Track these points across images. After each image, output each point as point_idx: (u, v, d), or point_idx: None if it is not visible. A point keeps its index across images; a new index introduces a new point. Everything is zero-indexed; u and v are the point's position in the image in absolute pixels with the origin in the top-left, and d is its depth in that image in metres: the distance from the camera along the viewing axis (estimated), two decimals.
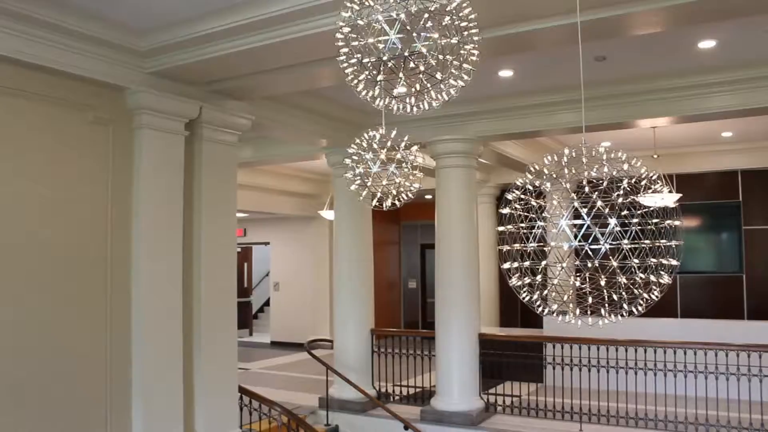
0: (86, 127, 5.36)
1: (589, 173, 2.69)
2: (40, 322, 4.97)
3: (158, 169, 5.73)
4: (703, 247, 12.96)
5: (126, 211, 5.59)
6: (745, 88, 6.79)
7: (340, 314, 9.21)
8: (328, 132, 8.26)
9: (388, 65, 2.47)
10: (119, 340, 5.49)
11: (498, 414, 8.41)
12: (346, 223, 9.18)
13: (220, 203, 6.33)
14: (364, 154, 3.09)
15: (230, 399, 6.39)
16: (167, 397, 5.71)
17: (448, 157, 8.43)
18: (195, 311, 6.08)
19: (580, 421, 7.73)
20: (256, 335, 19.07)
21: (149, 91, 5.58)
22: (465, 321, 8.31)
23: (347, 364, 8.94)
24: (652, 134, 9.97)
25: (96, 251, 5.38)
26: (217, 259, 6.25)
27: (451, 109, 8.10)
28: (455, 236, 8.37)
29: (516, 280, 2.89)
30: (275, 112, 7.55)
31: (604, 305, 2.77)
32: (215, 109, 6.22)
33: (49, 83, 5.04)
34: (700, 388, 7.22)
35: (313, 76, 5.87)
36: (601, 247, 2.76)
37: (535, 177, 2.88)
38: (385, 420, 8.35)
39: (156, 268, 5.68)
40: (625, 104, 7.38)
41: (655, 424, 7.46)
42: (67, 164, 5.21)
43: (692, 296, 12.63)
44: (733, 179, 12.31)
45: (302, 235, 16.29)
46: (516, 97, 7.82)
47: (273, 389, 9.27)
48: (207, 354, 6.11)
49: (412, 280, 17.59)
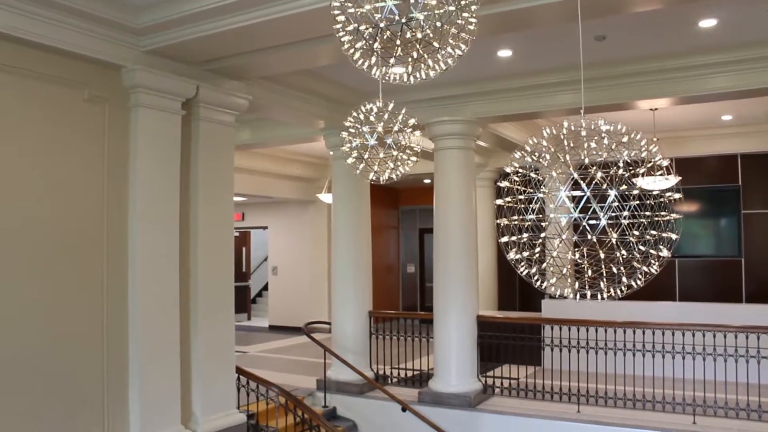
0: (81, 105, 5.30)
1: (588, 145, 2.66)
2: (36, 305, 4.93)
3: (155, 149, 5.69)
4: (701, 231, 12.95)
5: (122, 190, 5.55)
6: (746, 69, 6.74)
7: (338, 296, 9.20)
8: (326, 113, 8.21)
9: (385, 34, 2.43)
10: (116, 321, 5.47)
11: (496, 396, 8.41)
12: (345, 205, 9.15)
13: (218, 183, 6.30)
14: (360, 127, 3.05)
15: (228, 380, 6.39)
16: (164, 378, 5.70)
17: (447, 139, 8.39)
18: (192, 292, 6.06)
19: (578, 403, 7.73)
20: (255, 319, 19.09)
21: (145, 70, 5.52)
22: (463, 303, 8.31)
23: (345, 346, 8.94)
24: (652, 117, 9.94)
25: (91, 232, 5.34)
26: (215, 240, 6.22)
27: (449, 90, 8.08)
28: (453, 217, 8.35)
29: (514, 254, 2.87)
30: (273, 93, 7.50)
31: (602, 279, 2.75)
32: (212, 89, 6.17)
33: (44, 60, 4.98)
34: (698, 369, 7.22)
35: (311, 54, 5.81)
36: (600, 221, 2.74)
37: (533, 150, 2.85)
38: (383, 402, 8.36)
39: (153, 248, 5.64)
40: (624, 85, 7.33)
41: (653, 405, 7.47)
42: (61, 143, 5.16)
43: (691, 280, 12.63)
44: (732, 163, 12.27)
45: (300, 220, 16.27)
46: (515, 77, 7.77)
47: (271, 372, 9.25)
48: (204, 335, 6.10)
49: (410, 264, 17.59)
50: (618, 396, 7.67)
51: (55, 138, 5.12)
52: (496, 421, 7.75)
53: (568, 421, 7.41)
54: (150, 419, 5.54)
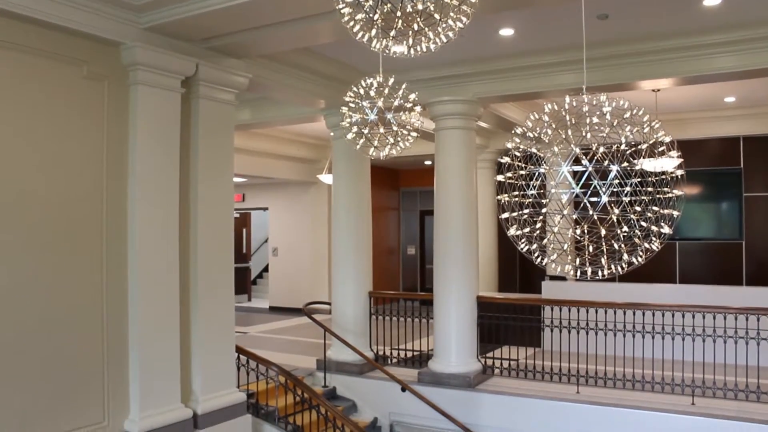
0: (80, 82, 5.27)
1: (590, 120, 2.63)
2: (36, 281, 4.94)
3: (154, 126, 5.66)
4: (703, 213, 12.92)
5: (121, 168, 5.53)
6: (750, 49, 6.68)
7: (338, 276, 9.19)
8: (326, 92, 8.17)
9: (386, 6, 2.40)
10: (115, 298, 5.47)
11: (495, 376, 8.43)
12: (345, 186, 9.12)
13: (217, 161, 6.27)
14: (360, 102, 3.02)
15: (228, 359, 6.40)
16: (164, 356, 5.71)
17: (448, 119, 8.35)
18: (192, 270, 6.06)
19: (577, 384, 7.74)
20: (255, 301, 19.12)
21: (145, 47, 5.48)
22: (463, 283, 8.30)
23: (345, 326, 8.95)
24: (654, 99, 9.89)
25: (90, 210, 5.33)
26: (214, 218, 6.20)
27: (450, 70, 8.04)
28: (454, 197, 8.33)
29: (515, 231, 2.85)
30: (273, 72, 7.45)
31: (603, 256, 2.73)
32: (212, 67, 6.13)
33: (42, 36, 4.94)
34: (698, 351, 7.22)
35: (311, 31, 5.76)
36: (601, 198, 2.72)
37: (535, 125, 2.82)
38: (383, 382, 8.38)
39: (152, 227, 5.63)
40: (627, 65, 7.28)
41: (652, 386, 7.48)
42: (60, 120, 5.13)
43: (691, 263, 12.62)
44: (734, 146, 12.22)
45: (301, 201, 16.25)
46: (516, 57, 7.72)
47: (271, 352, 9.26)
48: (204, 314, 6.10)
49: (411, 246, 17.60)
50: (617, 377, 7.69)
51: (53, 115, 5.09)
52: (495, 401, 7.77)
53: (567, 401, 7.43)
54: (150, 397, 5.56)
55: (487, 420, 7.74)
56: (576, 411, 7.34)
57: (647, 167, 2.77)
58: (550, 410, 7.46)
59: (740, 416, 6.69)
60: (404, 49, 2.54)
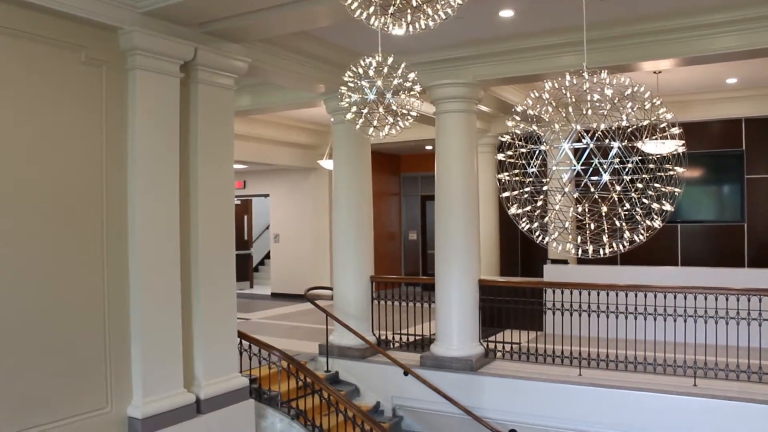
0: (78, 67, 5.24)
1: (591, 97, 2.61)
2: (37, 268, 4.92)
3: (153, 111, 5.63)
4: (704, 196, 12.90)
5: (121, 153, 5.51)
6: (753, 28, 6.63)
7: (339, 261, 9.20)
8: (326, 77, 8.13)
9: None
10: (117, 284, 5.46)
11: (498, 360, 8.44)
12: (346, 170, 9.11)
13: (217, 146, 6.25)
14: (359, 81, 3.00)
15: (230, 344, 6.40)
16: (166, 341, 5.71)
17: (448, 102, 8.32)
18: (193, 256, 6.05)
19: (579, 366, 7.76)
20: (257, 287, 19.14)
21: (143, 32, 5.45)
22: (465, 266, 8.30)
23: (347, 311, 8.95)
24: (656, 81, 9.84)
25: (90, 195, 5.31)
26: (215, 203, 6.19)
27: (450, 53, 8.01)
28: (455, 180, 8.31)
29: (515, 209, 2.84)
30: (273, 56, 7.42)
31: (604, 233, 2.72)
32: (211, 51, 6.09)
33: (40, 21, 4.90)
34: (700, 333, 7.22)
35: (309, 14, 5.71)
36: (602, 177, 2.70)
37: (535, 103, 2.80)
38: (385, 366, 8.40)
39: (152, 212, 5.62)
40: (628, 46, 7.22)
41: (654, 368, 7.49)
42: (58, 105, 5.10)
43: (693, 245, 12.62)
44: (736, 128, 12.18)
45: (302, 187, 16.25)
46: (516, 39, 7.67)
47: (273, 337, 9.28)
48: (206, 299, 6.09)
49: (412, 231, 17.59)
50: (619, 359, 7.70)
51: (51, 101, 5.06)
52: (497, 384, 7.79)
53: (569, 384, 7.45)
54: (152, 382, 5.57)
55: (489, 403, 7.76)
56: (578, 393, 7.36)
57: (649, 149, 2.75)
58: (552, 393, 7.48)
59: (742, 397, 6.71)
60: (403, 31, 2.52)
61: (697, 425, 6.75)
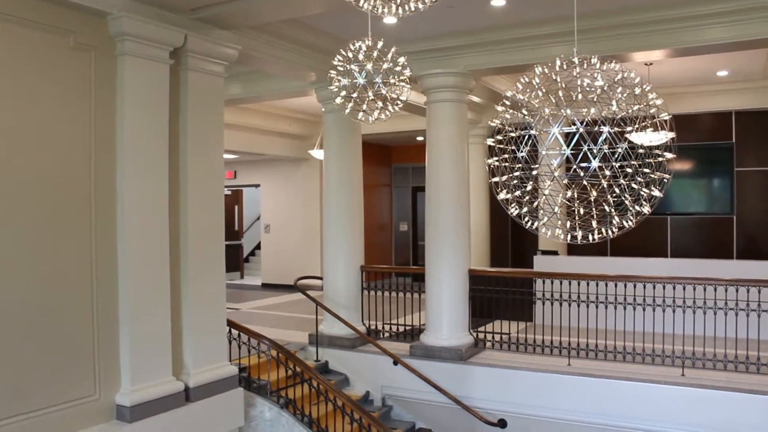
0: (67, 53, 5.19)
1: (582, 81, 2.61)
2: (24, 256, 4.88)
3: (142, 98, 5.59)
4: (694, 189, 12.95)
5: (109, 140, 5.46)
6: (744, 20, 6.64)
7: (329, 251, 9.19)
8: (317, 65, 8.09)
9: None
10: (105, 272, 5.42)
11: (487, 350, 8.46)
12: (337, 160, 9.09)
13: (207, 134, 6.21)
14: (349, 65, 2.98)
15: (219, 332, 6.38)
16: (155, 329, 5.68)
17: (439, 92, 8.30)
18: (182, 244, 6.02)
19: (568, 356, 7.79)
20: (248, 278, 19.10)
21: (132, 17, 5.40)
22: (455, 256, 8.30)
23: (337, 300, 8.95)
24: (647, 72, 9.85)
25: (78, 183, 5.26)
26: (205, 191, 6.16)
27: (441, 42, 7.99)
28: (445, 170, 8.30)
29: (505, 195, 2.83)
30: (263, 44, 7.38)
31: (593, 219, 2.72)
32: (201, 38, 6.05)
33: (28, 5, 4.85)
34: (688, 323, 7.25)
35: (301, 1, 5.69)
36: (592, 164, 2.70)
37: (525, 88, 2.79)
38: (375, 355, 8.41)
39: (141, 199, 5.58)
40: (619, 36, 7.23)
41: (643, 358, 7.53)
42: (46, 91, 5.05)
43: (683, 237, 12.67)
44: (726, 120, 12.22)
45: (292, 177, 16.22)
46: (508, 28, 7.66)
47: (263, 327, 9.27)
48: (195, 287, 6.07)
49: (403, 223, 17.58)
50: (608, 349, 7.73)
51: (39, 86, 5.00)
52: (487, 374, 7.80)
53: (558, 373, 7.47)
54: (141, 370, 5.54)
55: (479, 392, 7.78)
56: (567, 383, 7.38)
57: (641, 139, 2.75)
58: (542, 382, 7.50)
59: (729, 386, 6.76)
60: (395, 19, 2.50)
61: (685, 414, 6.79)
